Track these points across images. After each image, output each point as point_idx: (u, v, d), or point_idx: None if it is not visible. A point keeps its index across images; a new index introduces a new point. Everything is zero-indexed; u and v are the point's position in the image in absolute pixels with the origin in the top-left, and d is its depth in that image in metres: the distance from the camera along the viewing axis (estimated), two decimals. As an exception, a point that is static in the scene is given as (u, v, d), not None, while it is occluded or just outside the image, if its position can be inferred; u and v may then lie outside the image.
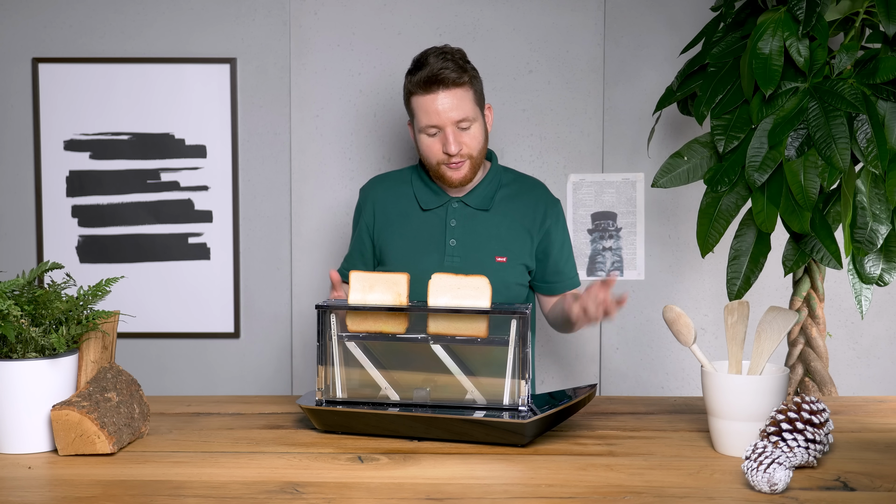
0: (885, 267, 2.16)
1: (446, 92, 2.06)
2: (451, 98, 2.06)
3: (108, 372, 1.73)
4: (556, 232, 2.21)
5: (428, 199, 2.18)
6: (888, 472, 1.52)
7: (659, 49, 2.77)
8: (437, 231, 2.15)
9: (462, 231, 2.15)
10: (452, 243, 2.13)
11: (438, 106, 2.06)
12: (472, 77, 2.11)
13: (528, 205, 2.20)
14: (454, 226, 2.15)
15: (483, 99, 2.17)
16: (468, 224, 2.15)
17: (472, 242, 2.14)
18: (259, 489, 1.45)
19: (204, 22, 2.75)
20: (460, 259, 2.14)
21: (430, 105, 2.06)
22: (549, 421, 1.67)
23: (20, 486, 1.48)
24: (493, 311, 1.74)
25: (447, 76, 2.05)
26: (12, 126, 2.76)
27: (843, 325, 2.83)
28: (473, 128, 2.10)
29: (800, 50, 2.07)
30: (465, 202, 2.17)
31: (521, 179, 2.26)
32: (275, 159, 2.78)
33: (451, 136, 2.06)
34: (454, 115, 2.06)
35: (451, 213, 2.16)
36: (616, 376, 2.84)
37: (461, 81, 2.07)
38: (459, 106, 2.07)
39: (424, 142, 2.11)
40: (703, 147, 2.21)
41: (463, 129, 2.08)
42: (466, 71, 2.09)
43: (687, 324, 1.67)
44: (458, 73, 2.06)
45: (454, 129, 2.07)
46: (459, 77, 2.06)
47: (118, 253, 2.77)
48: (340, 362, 1.79)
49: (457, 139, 2.07)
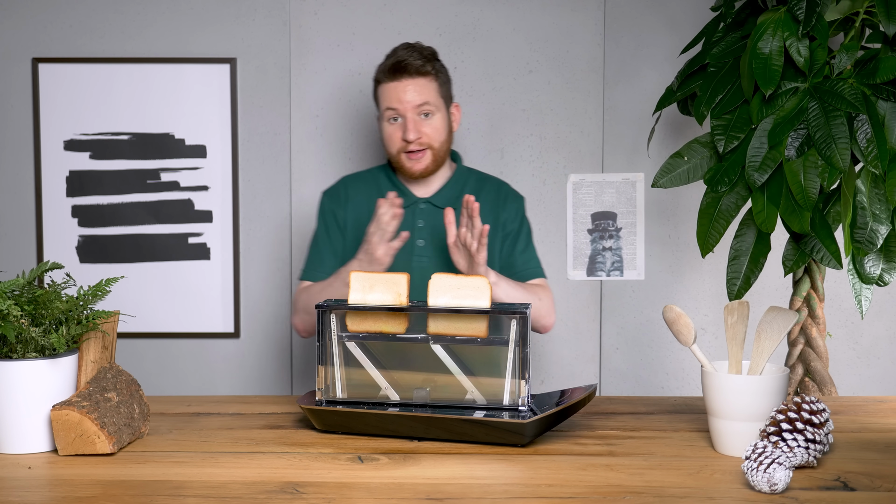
0: (885, 267, 2.16)
1: (410, 80, 2.15)
2: (413, 85, 2.16)
3: (108, 372, 1.73)
4: (511, 223, 2.26)
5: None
6: (888, 472, 1.52)
7: (659, 49, 2.77)
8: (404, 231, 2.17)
9: (429, 231, 2.20)
10: (420, 243, 2.17)
11: (400, 91, 2.15)
12: (438, 71, 2.19)
13: (490, 200, 2.26)
14: (422, 226, 2.20)
15: (450, 96, 2.25)
16: (435, 224, 2.20)
17: (439, 242, 2.18)
18: (259, 489, 1.45)
19: (204, 22, 2.75)
20: (428, 259, 2.19)
21: (392, 91, 2.16)
22: (549, 421, 1.67)
23: (20, 486, 1.48)
24: (493, 311, 1.74)
25: (411, 63, 2.14)
26: (12, 126, 2.76)
27: (843, 325, 2.83)
28: (435, 118, 2.17)
29: (800, 50, 2.07)
30: (431, 202, 2.22)
31: (485, 179, 2.32)
32: (275, 159, 2.78)
33: (410, 123, 2.15)
34: (415, 99, 2.14)
35: (419, 214, 2.21)
36: (616, 376, 2.84)
37: (424, 70, 2.16)
38: (421, 92, 2.15)
39: (386, 130, 2.19)
40: (703, 147, 2.21)
41: (424, 118, 2.16)
42: (431, 62, 2.17)
43: (687, 324, 1.67)
44: (422, 62, 2.15)
45: (414, 115, 2.15)
46: (423, 66, 2.15)
47: (118, 253, 2.77)
48: (340, 362, 1.79)
49: (416, 127, 2.15)
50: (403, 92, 2.15)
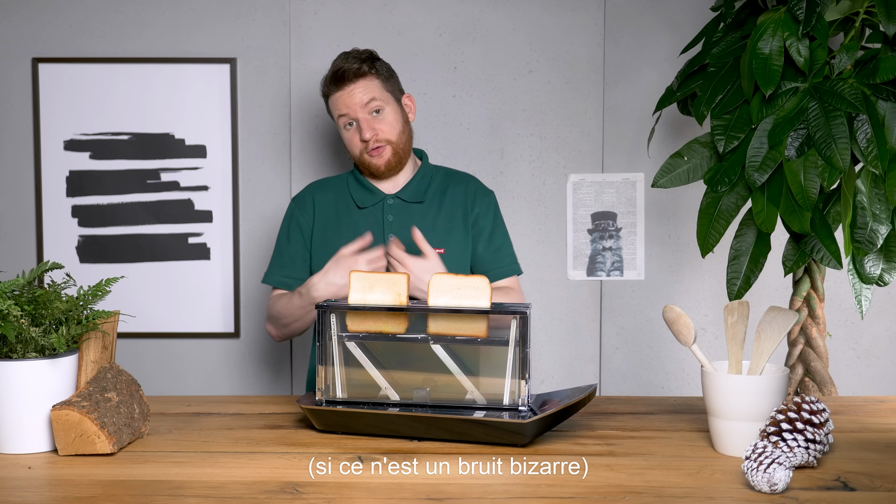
0: (885, 267, 2.16)
1: (351, 84, 2.22)
2: (355, 87, 2.22)
3: (108, 372, 1.73)
4: (484, 220, 2.28)
5: (364, 197, 2.27)
6: (888, 472, 1.52)
7: (659, 49, 2.77)
8: (375, 227, 2.23)
9: (399, 226, 2.23)
10: (391, 238, 2.17)
11: (346, 97, 2.22)
12: (377, 69, 2.25)
13: (459, 195, 2.29)
14: (391, 220, 2.24)
15: (399, 89, 2.31)
16: (404, 218, 2.24)
17: (409, 237, 2.18)
18: (259, 489, 1.45)
19: (204, 22, 2.75)
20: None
21: (339, 99, 2.23)
22: (549, 421, 1.67)
23: (20, 486, 1.48)
24: (493, 311, 1.74)
25: (349, 68, 2.22)
26: (12, 126, 2.76)
27: (843, 325, 2.83)
28: (386, 113, 2.23)
29: (800, 50, 2.07)
30: (399, 197, 2.26)
31: (453, 174, 2.36)
32: (275, 159, 2.78)
33: (363, 123, 2.22)
34: (361, 97, 2.21)
35: (388, 210, 2.25)
36: (616, 376, 2.84)
37: (362, 72, 2.22)
38: (365, 91, 2.21)
39: (345, 136, 2.26)
40: (703, 147, 2.21)
41: (375, 115, 2.22)
42: (367, 62, 2.23)
43: (687, 324, 1.67)
44: (358, 65, 2.22)
45: (365, 115, 2.22)
46: (360, 68, 2.22)
47: (118, 253, 2.77)
48: (340, 362, 1.79)
49: (369, 125, 2.21)
50: (349, 96, 2.22)
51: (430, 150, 2.76)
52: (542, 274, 2.82)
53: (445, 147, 2.79)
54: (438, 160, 2.74)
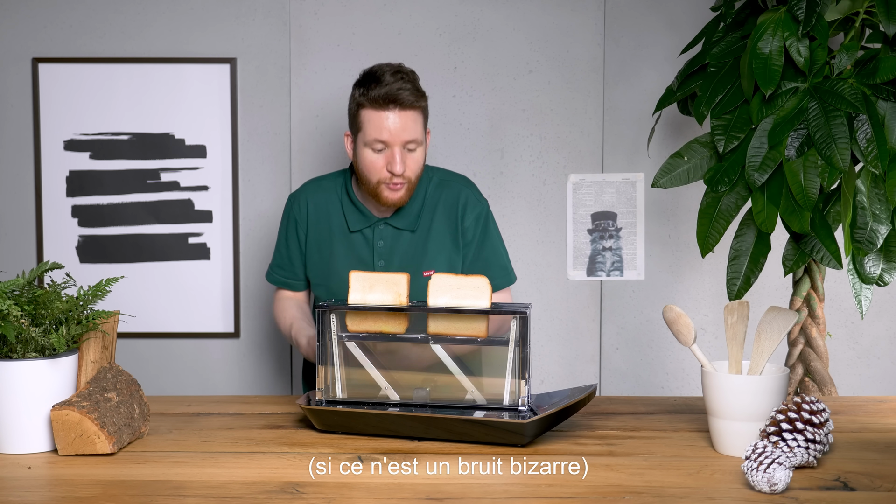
0: (885, 267, 2.16)
1: (401, 112, 2.05)
2: (403, 119, 2.05)
3: (108, 372, 1.73)
4: (472, 233, 2.20)
5: (356, 220, 2.18)
6: (888, 472, 1.52)
7: (659, 49, 2.77)
8: (364, 252, 2.17)
9: (388, 251, 2.17)
10: (381, 264, 2.16)
11: (391, 124, 2.05)
12: (424, 106, 2.11)
13: (447, 210, 2.20)
14: (381, 246, 2.17)
15: (427, 123, 2.16)
16: (395, 244, 2.17)
17: (399, 261, 2.16)
18: (259, 489, 1.45)
19: (204, 22, 2.75)
20: None
21: (383, 122, 2.05)
22: (549, 421, 1.67)
23: (20, 486, 1.48)
24: (493, 311, 1.74)
25: (405, 98, 2.05)
26: (12, 126, 2.76)
27: (843, 325, 2.83)
28: (418, 153, 2.11)
29: (800, 50, 2.07)
30: (389, 223, 2.17)
31: (446, 181, 2.24)
32: (275, 159, 2.78)
33: (398, 156, 2.06)
34: (405, 136, 2.06)
35: (378, 234, 2.18)
36: (616, 376, 2.84)
37: (416, 105, 2.07)
38: (411, 128, 2.07)
39: (368, 157, 2.09)
40: (703, 147, 2.21)
41: (409, 152, 2.09)
42: (422, 95, 2.10)
43: (687, 324, 1.67)
44: (415, 97, 2.07)
45: (401, 149, 2.07)
46: (417, 101, 2.07)
47: (118, 253, 2.77)
48: (340, 362, 1.79)
49: (403, 159, 2.07)
50: (395, 125, 2.05)
51: (431, 151, 2.76)
52: (542, 274, 2.82)
53: (445, 147, 2.79)
54: (438, 160, 2.74)
